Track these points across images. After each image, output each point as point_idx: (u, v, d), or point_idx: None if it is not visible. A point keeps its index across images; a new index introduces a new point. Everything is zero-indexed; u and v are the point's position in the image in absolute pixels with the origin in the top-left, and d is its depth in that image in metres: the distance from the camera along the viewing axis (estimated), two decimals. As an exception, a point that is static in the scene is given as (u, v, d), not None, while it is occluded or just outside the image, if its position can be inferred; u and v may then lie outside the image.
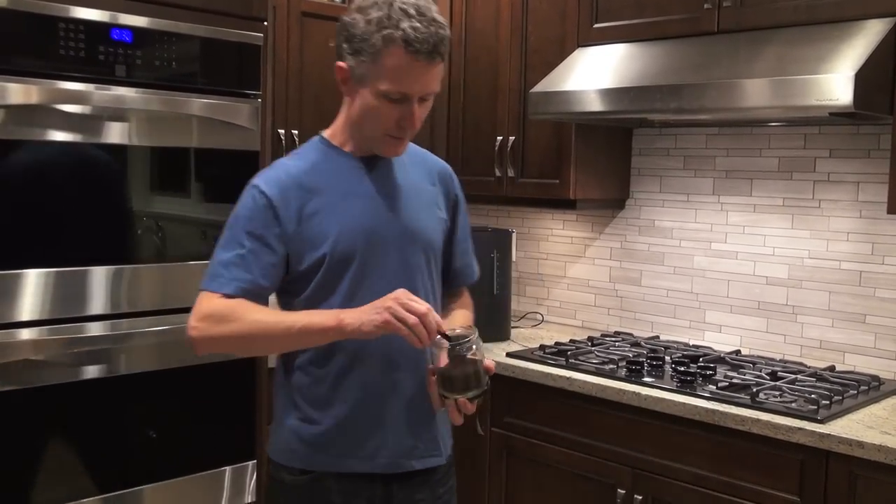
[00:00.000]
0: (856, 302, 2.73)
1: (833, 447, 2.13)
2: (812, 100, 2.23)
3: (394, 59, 1.64)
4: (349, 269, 1.73)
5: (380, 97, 1.68)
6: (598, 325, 3.40)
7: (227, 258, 1.70)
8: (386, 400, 1.77)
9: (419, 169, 1.89)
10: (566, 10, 3.03)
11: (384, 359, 1.75)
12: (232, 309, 1.66)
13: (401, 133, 1.74)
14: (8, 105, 2.25)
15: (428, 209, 1.86)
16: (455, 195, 1.96)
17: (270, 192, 1.72)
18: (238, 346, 1.75)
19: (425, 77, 1.68)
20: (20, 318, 2.31)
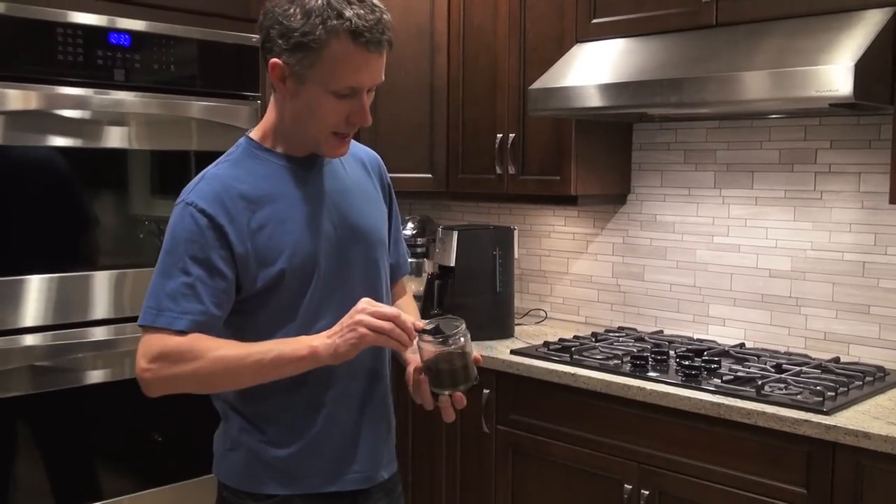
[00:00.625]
0: (859, 293, 2.72)
1: (839, 439, 2.12)
2: (812, 91, 2.22)
3: (340, 51, 1.51)
4: (311, 280, 1.61)
5: (327, 94, 1.54)
6: (601, 320, 3.39)
7: (172, 288, 1.53)
8: (358, 416, 1.70)
9: (353, 162, 1.78)
10: (564, 5, 3.02)
11: (355, 373, 1.68)
12: (189, 346, 1.51)
13: (350, 129, 1.62)
14: (7, 111, 2.25)
15: (373, 204, 1.78)
16: (388, 184, 1.87)
17: (210, 209, 1.55)
18: (199, 385, 1.58)
19: (374, 67, 1.56)
20: (24, 323, 2.32)
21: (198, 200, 1.56)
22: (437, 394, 1.65)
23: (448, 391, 1.64)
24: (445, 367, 1.61)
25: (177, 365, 1.51)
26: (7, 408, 2.29)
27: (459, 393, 1.64)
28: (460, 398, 1.65)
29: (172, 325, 1.52)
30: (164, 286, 1.53)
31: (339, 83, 1.53)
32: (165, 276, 1.54)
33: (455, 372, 1.62)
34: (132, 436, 2.55)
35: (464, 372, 1.63)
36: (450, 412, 1.67)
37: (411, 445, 3.16)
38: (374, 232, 1.74)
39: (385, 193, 1.85)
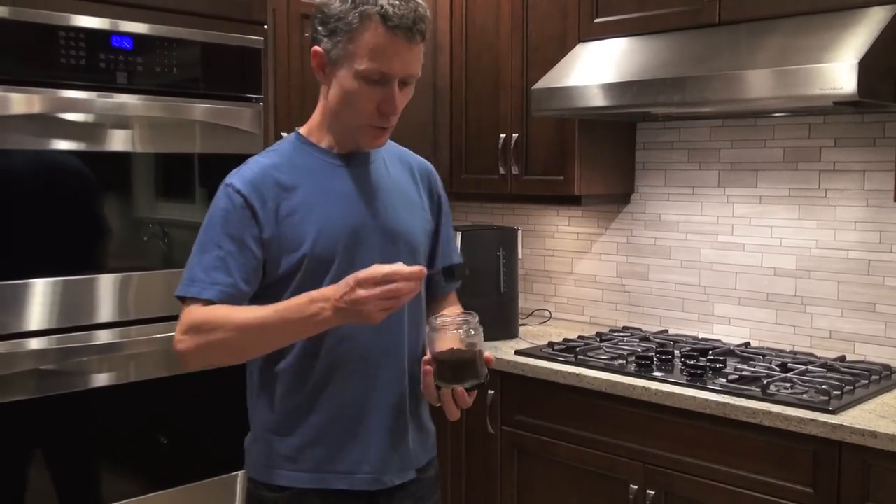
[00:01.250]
0: (865, 291, 2.72)
1: (846, 438, 2.12)
2: (816, 89, 2.22)
3: (371, 35, 1.56)
4: (329, 271, 1.62)
5: (358, 79, 1.58)
6: (606, 320, 3.39)
7: (206, 261, 1.60)
8: (364, 411, 1.69)
9: (400, 166, 1.81)
10: (566, 5, 3.02)
11: (364, 368, 1.67)
12: (215, 315, 1.56)
13: (382, 121, 1.64)
14: (11, 115, 2.25)
15: (411, 208, 1.77)
16: (438, 194, 1.87)
17: (245, 190, 1.62)
18: (229, 352, 1.60)
19: (405, 56, 1.59)
20: (29, 327, 2.32)
21: (236, 182, 1.64)
22: (440, 388, 1.60)
23: (451, 386, 1.58)
24: (451, 360, 1.56)
25: (205, 334, 1.55)
26: (12, 411, 2.29)
27: (460, 389, 1.58)
28: (461, 395, 1.60)
29: (202, 295, 1.58)
30: (199, 259, 1.61)
31: (368, 68, 1.57)
32: (201, 250, 1.62)
33: (459, 366, 1.57)
34: (138, 439, 2.55)
35: (470, 367, 1.57)
36: (452, 409, 1.63)
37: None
38: (405, 234, 1.73)
39: (433, 204, 1.85)
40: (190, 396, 2.63)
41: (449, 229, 1.90)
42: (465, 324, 1.57)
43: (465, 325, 1.57)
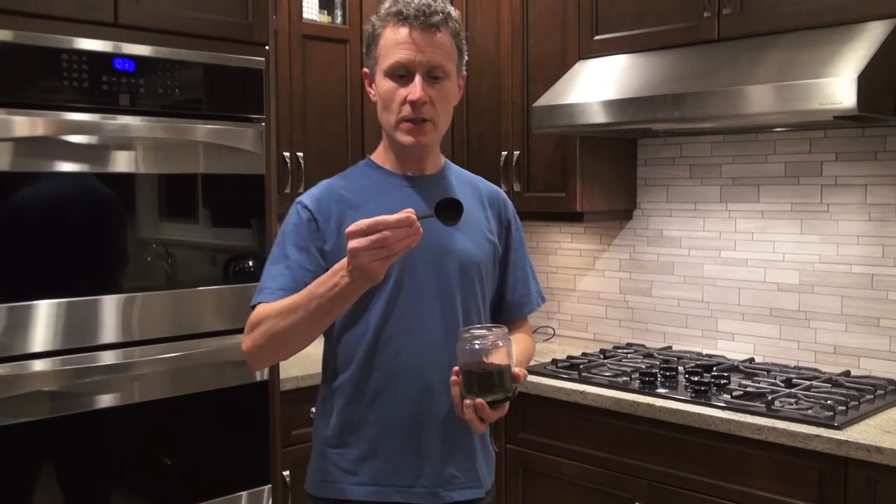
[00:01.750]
0: (869, 305, 2.71)
1: (851, 453, 2.11)
2: (815, 104, 2.22)
3: (390, 33, 1.67)
4: (385, 287, 1.67)
5: (385, 78, 1.68)
6: (609, 337, 3.38)
7: (275, 271, 1.69)
8: (421, 425, 1.70)
9: (468, 191, 1.84)
10: (566, 23, 3.04)
11: (420, 381, 1.70)
12: (264, 311, 1.64)
13: (413, 112, 1.68)
14: (14, 138, 2.26)
15: (475, 230, 1.79)
16: (508, 220, 1.89)
17: (312, 205, 1.73)
18: (275, 341, 1.63)
19: (422, 46, 1.66)
20: (33, 349, 2.32)
21: (304, 199, 1.75)
22: (464, 398, 1.57)
23: (474, 398, 1.55)
24: (477, 371, 1.55)
25: (256, 329, 1.63)
26: (17, 433, 2.29)
27: (482, 402, 1.55)
28: (482, 407, 1.56)
29: (267, 300, 1.65)
30: (269, 271, 1.71)
31: (389, 60, 1.67)
32: (272, 262, 1.72)
33: (485, 378, 1.55)
34: (142, 460, 2.54)
35: (497, 379, 1.55)
36: (475, 422, 1.59)
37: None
38: (463, 253, 1.75)
39: (502, 228, 1.87)
40: (194, 417, 2.63)
41: (524, 258, 1.92)
42: (494, 337, 1.56)
43: (494, 338, 1.56)
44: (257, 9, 2.71)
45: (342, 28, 3.34)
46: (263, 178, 2.73)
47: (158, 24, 2.51)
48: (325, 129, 3.30)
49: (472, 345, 1.55)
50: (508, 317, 1.90)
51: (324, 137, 3.30)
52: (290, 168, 3.18)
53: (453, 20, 1.72)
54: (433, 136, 1.74)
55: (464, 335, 1.57)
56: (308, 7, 3.25)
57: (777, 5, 2.50)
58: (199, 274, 2.66)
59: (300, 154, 3.21)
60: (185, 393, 2.58)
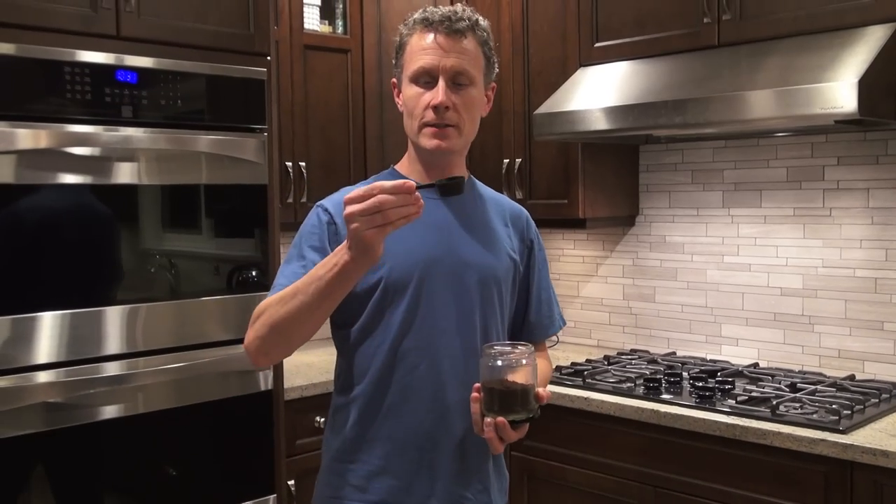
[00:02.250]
0: (872, 309, 2.71)
1: (857, 457, 2.10)
2: (816, 108, 2.22)
3: (416, 40, 1.66)
4: (403, 297, 1.63)
5: (410, 85, 1.66)
6: (613, 343, 3.38)
7: (289, 270, 1.63)
8: (436, 443, 1.65)
9: (491, 207, 1.81)
10: (566, 30, 3.04)
11: (437, 397, 1.65)
12: (267, 302, 1.56)
13: (436, 117, 1.65)
14: (18, 150, 2.27)
15: (495, 245, 1.75)
16: (530, 239, 1.85)
17: (332, 209, 1.68)
18: (276, 333, 1.55)
19: (447, 51, 1.64)
20: (37, 361, 2.32)
21: (325, 203, 1.71)
22: (484, 416, 1.53)
23: (495, 416, 1.50)
24: (498, 388, 1.51)
25: (258, 321, 1.56)
26: (21, 445, 2.29)
27: (503, 420, 1.50)
28: (503, 426, 1.51)
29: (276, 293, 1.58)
30: (283, 269, 1.65)
31: (413, 66, 1.65)
32: (287, 262, 1.67)
33: (507, 397, 1.50)
34: (147, 471, 2.54)
35: (520, 398, 1.50)
36: (495, 441, 1.54)
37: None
38: (483, 267, 1.70)
39: (524, 247, 1.83)
40: (199, 427, 2.63)
41: (547, 280, 1.87)
42: (517, 354, 1.52)
43: (517, 355, 1.52)
44: (259, 19, 2.72)
45: (343, 38, 3.35)
46: (266, 188, 2.74)
47: (160, 35, 2.52)
48: (326, 138, 3.30)
49: (496, 361, 1.51)
50: (529, 338, 1.82)
51: (326, 147, 3.31)
52: (293, 178, 3.19)
53: (481, 28, 1.71)
54: (457, 141, 1.69)
55: (487, 351, 1.53)
56: (309, 17, 3.26)
57: (777, 11, 2.50)
58: (202, 284, 2.66)
59: (302, 164, 3.21)
60: (189, 403, 2.59)
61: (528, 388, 1.51)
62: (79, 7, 2.38)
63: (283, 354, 1.62)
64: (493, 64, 1.75)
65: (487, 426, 1.52)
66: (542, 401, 1.55)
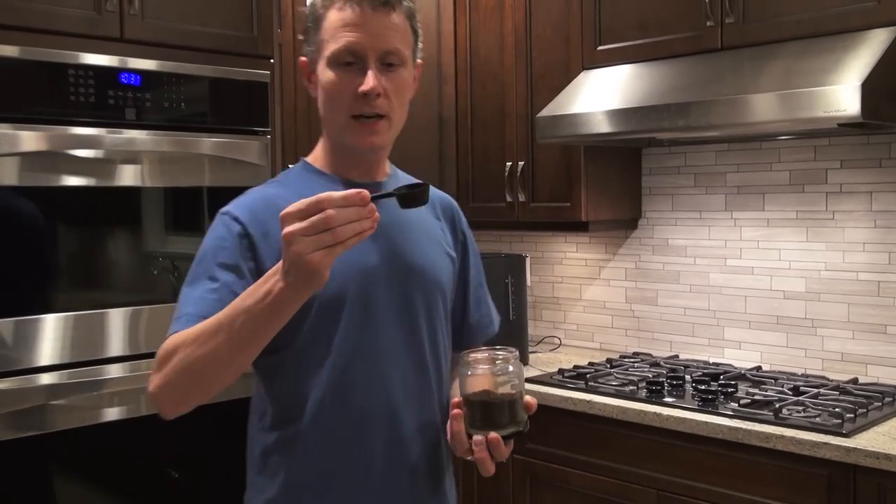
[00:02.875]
0: (876, 312, 2.70)
1: (860, 461, 2.10)
2: (819, 112, 2.22)
3: (335, 14, 1.42)
4: (341, 314, 1.41)
5: (331, 66, 1.42)
6: (616, 346, 3.38)
7: (196, 294, 1.37)
8: (397, 479, 1.47)
9: None
10: (569, 33, 3.04)
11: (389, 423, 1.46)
12: (174, 339, 1.30)
13: (364, 106, 1.42)
14: (21, 152, 2.28)
15: (434, 244, 1.57)
16: (463, 232, 1.67)
17: (244, 218, 1.42)
18: (190, 378, 1.30)
19: (374, 27, 1.41)
20: (40, 362, 2.33)
21: (233, 210, 1.45)
22: (471, 435, 1.35)
23: (484, 433, 1.33)
24: (484, 401, 1.33)
25: (166, 362, 1.29)
26: (24, 447, 2.30)
27: (496, 437, 1.33)
28: (497, 443, 1.33)
29: (185, 328, 1.31)
30: (189, 295, 1.38)
31: (334, 46, 1.41)
32: (192, 285, 1.39)
33: (496, 409, 1.34)
34: (149, 473, 2.54)
35: (508, 411, 1.34)
36: (487, 462, 1.35)
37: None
38: (427, 271, 1.52)
39: (457, 242, 1.65)
40: (201, 430, 2.63)
41: (481, 274, 1.71)
42: (502, 360, 1.35)
43: (502, 361, 1.35)
44: (262, 22, 2.73)
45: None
46: (269, 190, 2.74)
47: (164, 38, 2.53)
48: (329, 141, 3.31)
49: (479, 370, 1.34)
50: (470, 342, 1.62)
51: (329, 149, 3.31)
52: (296, 180, 3.19)
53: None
54: (388, 135, 1.48)
55: (468, 359, 1.36)
56: (312, 20, 3.26)
57: (780, 14, 2.50)
58: (205, 286, 2.66)
59: (305, 166, 3.22)
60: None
61: (517, 399, 1.36)
62: (83, 10, 2.38)
63: (201, 401, 1.34)
64: (420, 37, 1.52)
65: (478, 445, 1.34)
66: (531, 410, 1.39)
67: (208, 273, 1.38)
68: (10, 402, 2.27)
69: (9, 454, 2.27)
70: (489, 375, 1.34)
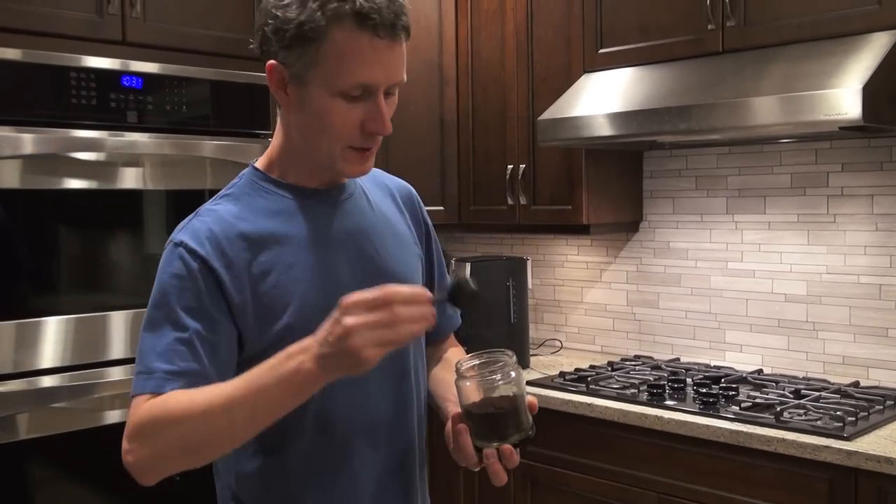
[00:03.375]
0: (877, 316, 2.70)
1: (861, 464, 2.10)
2: (821, 115, 2.22)
3: (346, 39, 1.23)
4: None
5: (336, 97, 1.26)
6: (617, 349, 3.38)
7: (164, 345, 1.23)
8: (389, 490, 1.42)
9: (380, 193, 1.50)
10: (571, 36, 3.05)
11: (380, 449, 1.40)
12: (165, 408, 1.19)
13: (368, 140, 1.31)
14: (24, 155, 2.28)
15: (403, 245, 1.48)
16: (424, 221, 1.57)
17: (203, 250, 1.28)
18: (188, 453, 1.21)
19: (390, 60, 1.27)
20: (41, 365, 2.33)
21: (189, 241, 1.29)
22: (480, 448, 1.29)
23: (494, 444, 1.28)
24: (489, 412, 1.28)
25: (157, 435, 1.19)
26: (25, 450, 2.30)
27: (509, 447, 1.28)
28: (509, 453, 1.28)
29: (163, 390, 1.21)
30: (154, 345, 1.25)
31: (347, 80, 1.25)
32: (154, 332, 1.26)
33: (501, 418, 1.28)
34: (150, 475, 2.55)
35: (513, 418, 1.29)
36: (500, 472, 1.29)
37: (428, 479, 3.13)
38: (403, 277, 1.40)
39: (421, 232, 1.55)
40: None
41: (442, 262, 1.61)
42: (502, 366, 1.29)
43: (502, 367, 1.28)
44: (263, 25, 2.74)
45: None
46: (270, 193, 2.74)
47: (166, 41, 2.53)
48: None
49: (477, 380, 1.27)
50: (437, 336, 1.57)
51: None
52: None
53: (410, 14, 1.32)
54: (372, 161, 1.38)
55: (465, 369, 1.29)
56: (314, 23, 3.27)
57: (781, 17, 2.50)
58: (206, 289, 2.66)
59: (307, 169, 3.22)
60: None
61: (520, 402, 1.30)
62: (85, 13, 2.39)
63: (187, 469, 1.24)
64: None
65: (490, 458, 1.28)
66: (533, 411, 1.33)
67: (171, 318, 1.25)
68: (12, 405, 2.27)
69: (10, 456, 2.28)
70: (489, 384, 1.28)
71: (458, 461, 1.34)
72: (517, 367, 1.31)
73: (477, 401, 1.28)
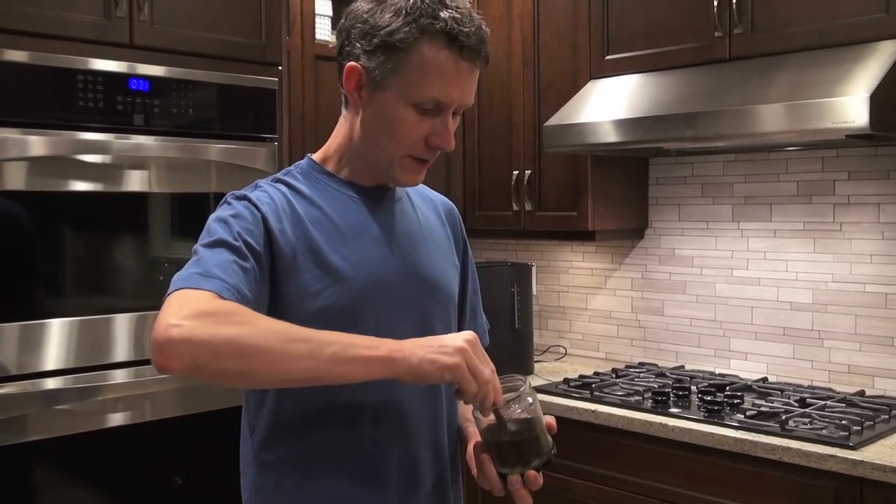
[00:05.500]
0: (883, 325, 2.69)
1: (867, 474, 2.09)
2: (828, 123, 2.22)
3: (433, 56, 1.30)
4: (354, 328, 1.26)
5: (409, 107, 1.33)
6: (621, 356, 3.37)
7: (223, 261, 1.24)
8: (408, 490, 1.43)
9: (424, 204, 1.56)
10: (577, 43, 3.05)
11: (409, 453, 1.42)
12: (238, 309, 1.18)
13: (429, 154, 1.38)
14: (30, 157, 2.28)
15: (444, 255, 1.53)
16: (463, 239, 1.63)
17: (264, 209, 1.33)
18: (235, 356, 1.14)
19: (466, 81, 1.34)
20: (45, 367, 2.33)
21: (253, 198, 1.35)
22: (505, 475, 1.32)
23: (519, 470, 1.31)
24: (509, 440, 1.30)
25: (219, 325, 1.14)
26: (28, 452, 2.30)
27: (534, 473, 1.31)
28: (534, 477, 1.31)
29: (222, 293, 1.20)
30: (212, 258, 1.25)
31: (424, 94, 1.32)
32: (213, 250, 1.26)
33: (522, 445, 1.30)
34: (153, 479, 2.54)
35: (534, 444, 1.31)
36: (525, 496, 1.33)
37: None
38: (442, 285, 1.48)
39: (459, 249, 1.60)
40: (206, 436, 2.63)
41: (475, 283, 1.66)
42: (518, 396, 1.30)
43: (518, 397, 1.30)
44: (270, 30, 2.74)
45: (354, 48, 3.36)
46: (276, 197, 2.74)
47: (173, 44, 2.53)
48: (337, 148, 3.31)
49: (503, 413, 1.28)
50: None
51: (336, 157, 3.32)
52: (303, 187, 3.20)
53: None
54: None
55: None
56: (321, 27, 3.27)
57: (788, 25, 2.50)
58: (211, 293, 2.66)
59: (312, 173, 3.22)
60: (197, 412, 2.59)
61: (538, 427, 1.32)
62: (93, 16, 2.39)
63: (215, 382, 1.20)
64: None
65: (515, 485, 1.31)
66: (552, 431, 1.35)
67: (230, 244, 1.26)
68: (14, 407, 2.27)
69: (14, 458, 2.27)
70: (509, 416, 1.29)
71: (483, 486, 1.37)
72: (533, 391, 1.33)
73: (497, 431, 1.30)
